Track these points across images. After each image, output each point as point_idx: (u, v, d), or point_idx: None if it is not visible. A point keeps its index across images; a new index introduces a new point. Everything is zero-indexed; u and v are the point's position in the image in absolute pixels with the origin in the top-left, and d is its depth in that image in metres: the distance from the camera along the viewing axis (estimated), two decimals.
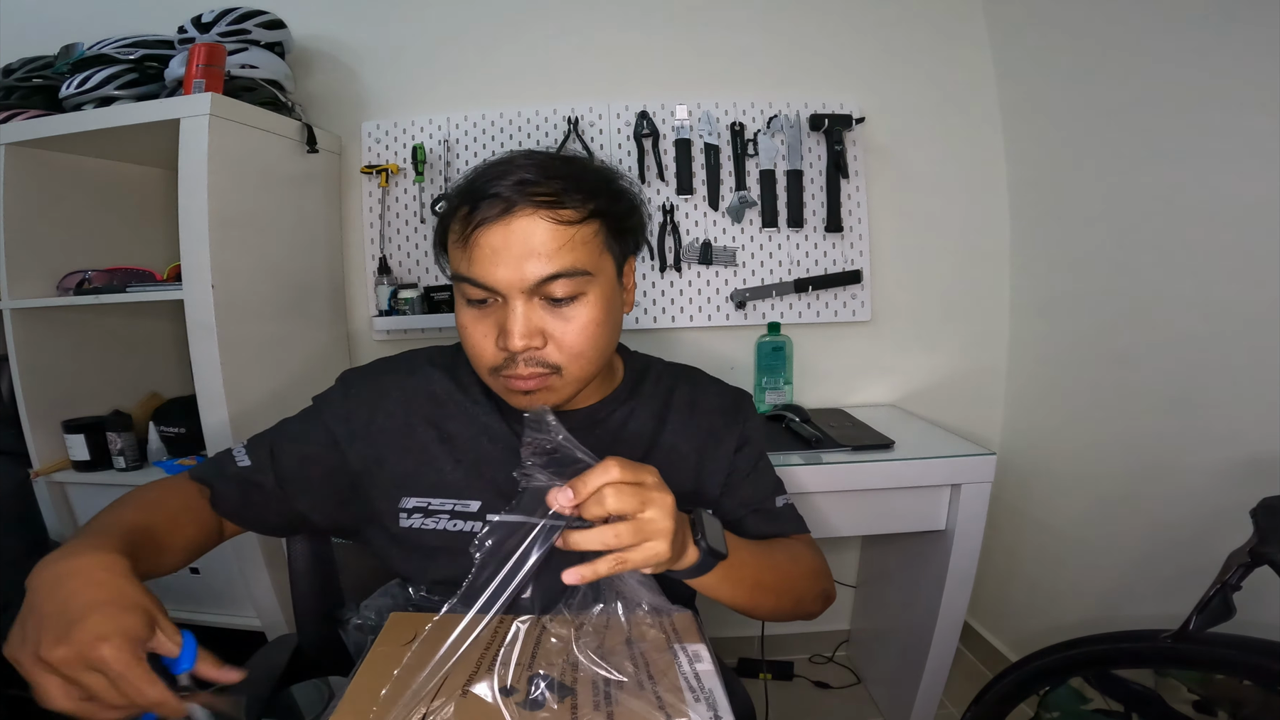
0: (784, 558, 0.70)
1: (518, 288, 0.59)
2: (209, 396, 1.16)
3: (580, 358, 0.63)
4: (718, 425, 0.76)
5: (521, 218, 0.59)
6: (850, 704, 1.54)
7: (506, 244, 0.59)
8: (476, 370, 0.66)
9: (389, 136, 1.56)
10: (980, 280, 1.59)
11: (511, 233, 0.59)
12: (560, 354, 0.62)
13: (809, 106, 1.53)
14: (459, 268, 0.62)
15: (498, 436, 0.71)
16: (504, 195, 0.59)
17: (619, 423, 0.74)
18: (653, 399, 0.76)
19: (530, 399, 0.64)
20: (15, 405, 1.26)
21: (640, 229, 0.69)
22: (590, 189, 0.63)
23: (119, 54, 1.27)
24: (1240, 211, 0.99)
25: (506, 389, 0.65)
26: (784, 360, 1.52)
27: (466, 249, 0.60)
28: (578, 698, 0.50)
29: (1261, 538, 0.73)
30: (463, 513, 0.68)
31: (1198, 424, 1.07)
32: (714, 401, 0.78)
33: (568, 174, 0.62)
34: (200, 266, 1.13)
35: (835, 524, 1.20)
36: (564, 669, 0.53)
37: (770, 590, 0.65)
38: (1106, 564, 1.27)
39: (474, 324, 0.63)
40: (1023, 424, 1.57)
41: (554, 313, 0.61)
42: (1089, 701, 0.96)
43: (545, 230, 0.59)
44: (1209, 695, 0.83)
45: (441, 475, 0.69)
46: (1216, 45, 1.00)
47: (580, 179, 0.62)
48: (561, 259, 0.59)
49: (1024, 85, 1.47)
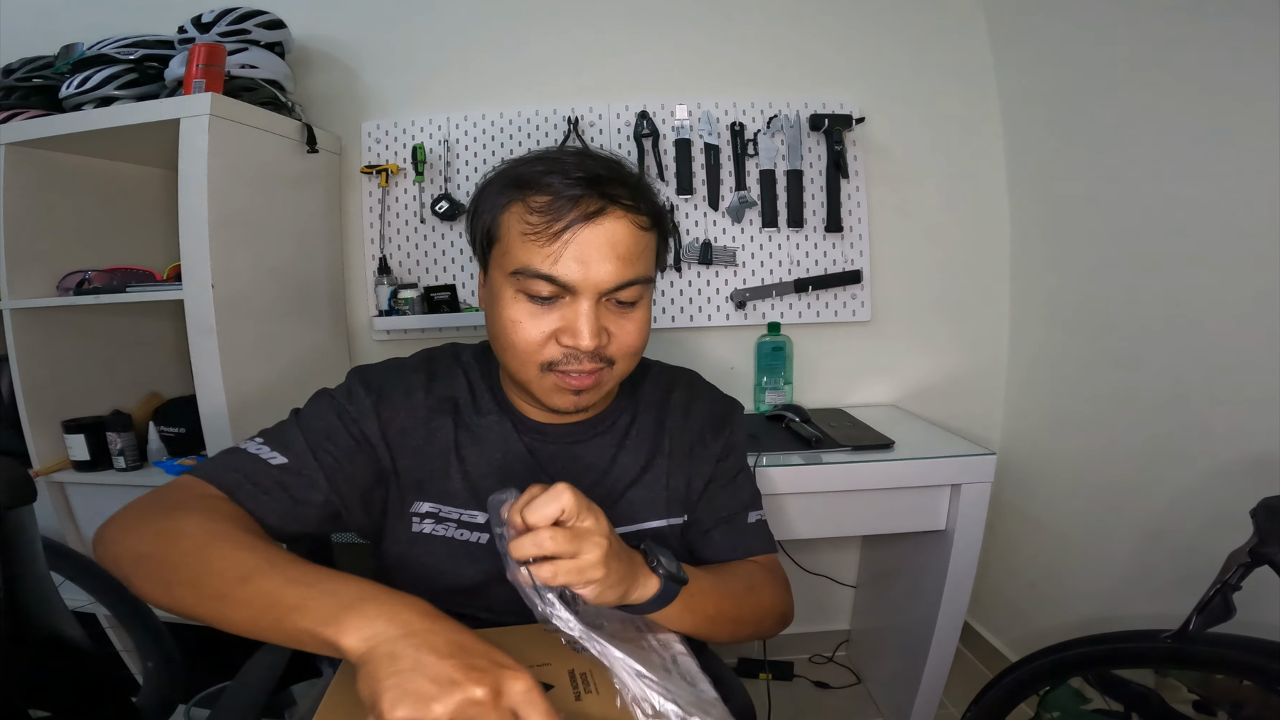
0: (742, 587, 0.69)
1: (596, 289, 0.59)
2: (209, 396, 1.16)
3: (633, 355, 0.65)
4: (707, 431, 0.76)
5: (611, 220, 0.59)
6: (850, 704, 1.54)
7: (596, 244, 0.58)
8: (520, 366, 0.63)
9: (389, 136, 1.56)
10: (980, 280, 1.59)
11: (603, 233, 0.58)
12: (618, 350, 0.63)
13: (809, 106, 1.53)
14: (532, 262, 0.58)
15: (505, 447, 0.70)
16: (592, 195, 0.58)
17: (622, 430, 0.74)
18: (653, 402, 0.77)
19: (578, 399, 0.64)
20: (15, 405, 1.26)
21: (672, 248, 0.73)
22: (649, 199, 0.63)
23: (119, 54, 1.27)
24: (1240, 211, 0.99)
25: (555, 386, 0.63)
26: (784, 360, 1.52)
27: (551, 245, 0.58)
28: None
29: (1261, 538, 0.73)
30: (469, 523, 0.68)
31: (1198, 424, 1.07)
32: (707, 407, 0.78)
33: (627, 178, 0.62)
34: (200, 266, 1.13)
35: (835, 524, 1.20)
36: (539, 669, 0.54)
37: (729, 620, 0.66)
38: (1106, 564, 1.27)
39: (531, 319, 0.60)
40: (1023, 424, 1.57)
41: (616, 314, 0.62)
42: (1089, 701, 0.96)
43: (630, 235, 0.60)
44: (1209, 695, 0.83)
45: (453, 483, 0.68)
46: (1217, 45, 1.00)
47: (639, 186, 0.62)
48: (637, 266, 0.61)
49: (1024, 85, 1.47)
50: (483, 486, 0.69)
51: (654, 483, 0.72)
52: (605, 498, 0.71)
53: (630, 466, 0.72)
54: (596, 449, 0.73)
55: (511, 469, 0.70)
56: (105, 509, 1.43)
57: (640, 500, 0.71)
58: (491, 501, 0.53)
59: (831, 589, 1.68)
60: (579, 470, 0.71)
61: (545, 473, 0.70)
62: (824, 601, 1.72)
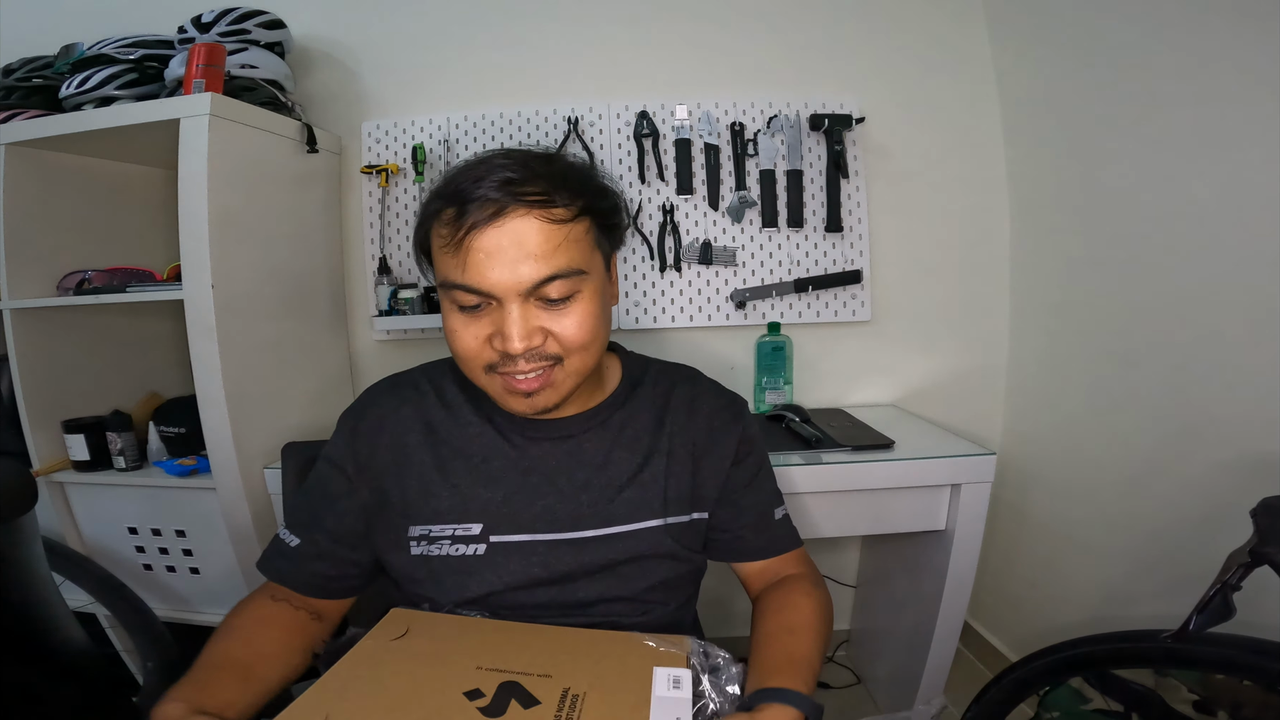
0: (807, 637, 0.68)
1: (514, 291, 0.58)
2: (209, 396, 1.16)
3: (580, 350, 0.63)
4: (716, 429, 0.75)
5: (514, 219, 0.57)
6: (850, 704, 1.53)
7: (500, 247, 0.57)
8: (469, 373, 0.65)
9: (389, 136, 1.56)
10: (980, 280, 1.59)
11: (504, 235, 0.57)
12: (560, 347, 0.62)
13: (809, 106, 1.53)
14: (449, 274, 0.60)
15: (492, 454, 0.70)
16: (493, 197, 0.57)
17: (618, 426, 0.73)
18: (651, 400, 0.76)
19: (532, 401, 0.63)
20: (15, 405, 1.26)
21: (622, 225, 0.69)
22: (576, 187, 0.62)
23: (119, 54, 1.27)
24: (1241, 210, 0.99)
25: (505, 389, 0.63)
26: (784, 360, 1.52)
27: (458, 255, 0.58)
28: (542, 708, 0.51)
29: (1261, 538, 0.73)
30: (464, 536, 0.68)
31: (1198, 424, 1.07)
32: (712, 403, 0.77)
33: (551, 172, 0.60)
34: (200, 266, 1.13)
35: (835, 524, 1.20)
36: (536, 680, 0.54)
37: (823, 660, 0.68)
38: (1106, 564, 1.27)
39: (465, 328, 0.61)
40: (1023, 424, 1.57)
41: (550, 311, 0.61)
42: (1089, 701, 0.96)
43: (539, 231, 0.58)
44: (1209, 695, 0.83)
45: (439, 502, 0.69)
46: (1217, 44, 1.00)
47: (565, 176, 0.61)
48: (557, 260, 0.58)
49: (1024, 85, 1.47)
50: (474, 497, 0.69)
51: (651, 482, 0.71)
52: (601, 494, 0.70)
53: (626, 464, 0.72)
54: (592, 443, 0.72)
55: (502, 474, 0.70)
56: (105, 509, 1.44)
57: (636, 500, 0.71)
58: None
59: (832, 589, 1.67)
60: (573, 466, 0.71)
61: (537, 472, 0.70)
62: None
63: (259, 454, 1.23)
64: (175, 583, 1.36)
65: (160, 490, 1.30)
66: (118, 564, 1.33)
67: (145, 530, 1.34)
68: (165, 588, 1.37)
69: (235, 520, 1.21)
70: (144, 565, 1.36)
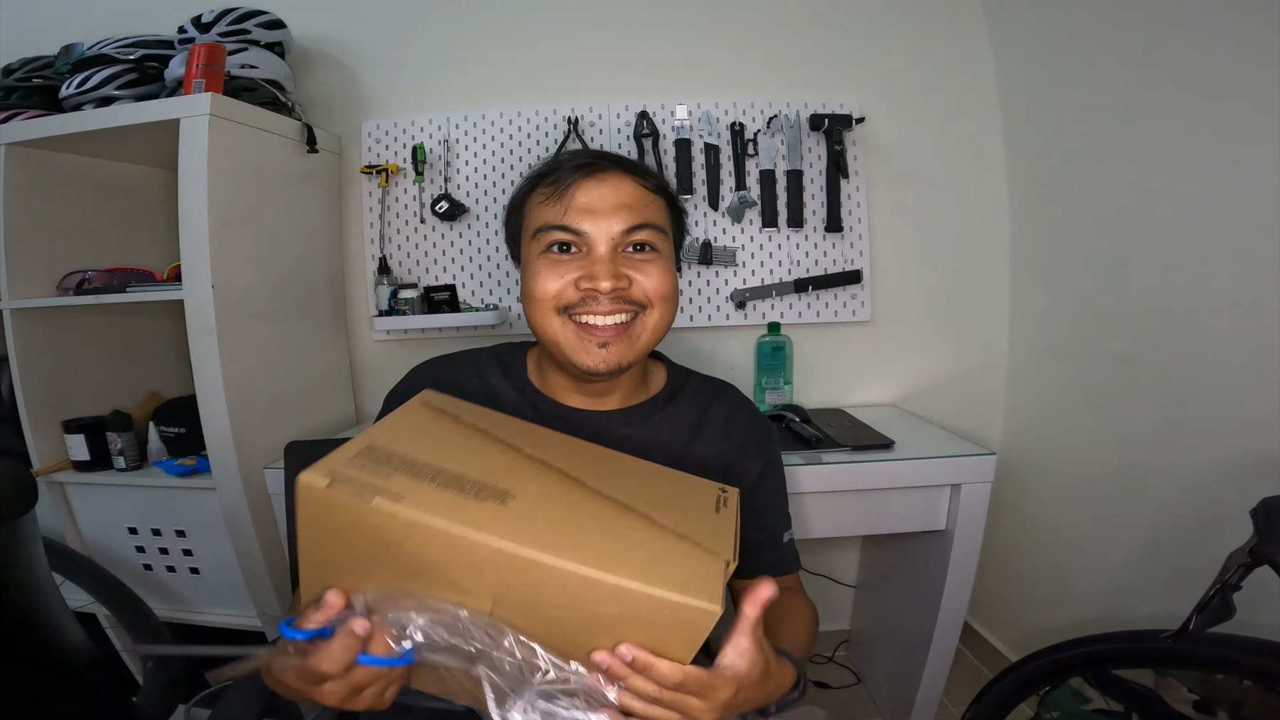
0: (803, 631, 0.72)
1: (608, 234, 0.65)
2: (209, 396, 1.16)
3: (660, 303, 0.67)
4: (748, 447, 0.77)
5: (613, 176, 0.67)
6: (850, 704, 1.53)
7: (601, 196, 0.65)
8: (543, 318, 0.66)
9: (389, 136, 1.56)
10: (980, 280, 1.59)
11: (605, 186, 0.66)
12: (643, 294, 0.66)
13: (809, 106, 1.53)
14: (549, 219, 0.66)
15: None
16: (594, 161, 0.67)
17: (653, 430, 0.74)
18: (690, 409, 0.77)
19: (605, 354, 0.65)
20: (15, 405, 1.26)
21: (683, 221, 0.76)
22: (654, 174, 0.71)
23: (119, 54, 1.27)
24: (1240, 210, 0.99)
25: (578, 338, 0.65)
26: (784, 360, 1.52)
27: (560, 202, 0.65)
28: None
29: (1261, 538, 0.73)
30: None
31: (1198, 424, 1.07)
32: (747, 421, 0.79)
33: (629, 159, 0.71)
34: (200, 266, 1.13)
35: (835, 524, 1.20)
36: None
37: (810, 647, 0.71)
38: (1106, 564, 1.27)
39: (551, 269, 0.66)
40: (1023, 424, 1.57)
41: (635, 260, 0.66)
42: (1089, 701, 0.96)
43: (634, 189, 0.67)
44: (1209, 695, 0.83)
45: None
46: (1217, 44, 1.00)
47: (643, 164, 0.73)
48: (646, 214, 0.67)
49: (1024, 85, 1.47)
50: None
51: None
52: None
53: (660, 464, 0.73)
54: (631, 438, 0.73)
55: None
56: (105, 509, 1.44)
57: None
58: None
59: (831, 589, 1.68)
60: None
61: None
62: (824, 601, 1.71)
63: (259, 454, 1.23)
64: (175, 583, 1.36)
65: (160, 490, 1.30)
66: (118, 564, 1.33)
67: (145, 530, 1.34)
68: (165, 588, 1.37)
69: (235, 520, 1.21)
70: (144, 565, 1.36)
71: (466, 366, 0.77)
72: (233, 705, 0.70)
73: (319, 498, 0.42)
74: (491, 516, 0.43)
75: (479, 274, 1.57)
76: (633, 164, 0.69)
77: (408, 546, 0.43)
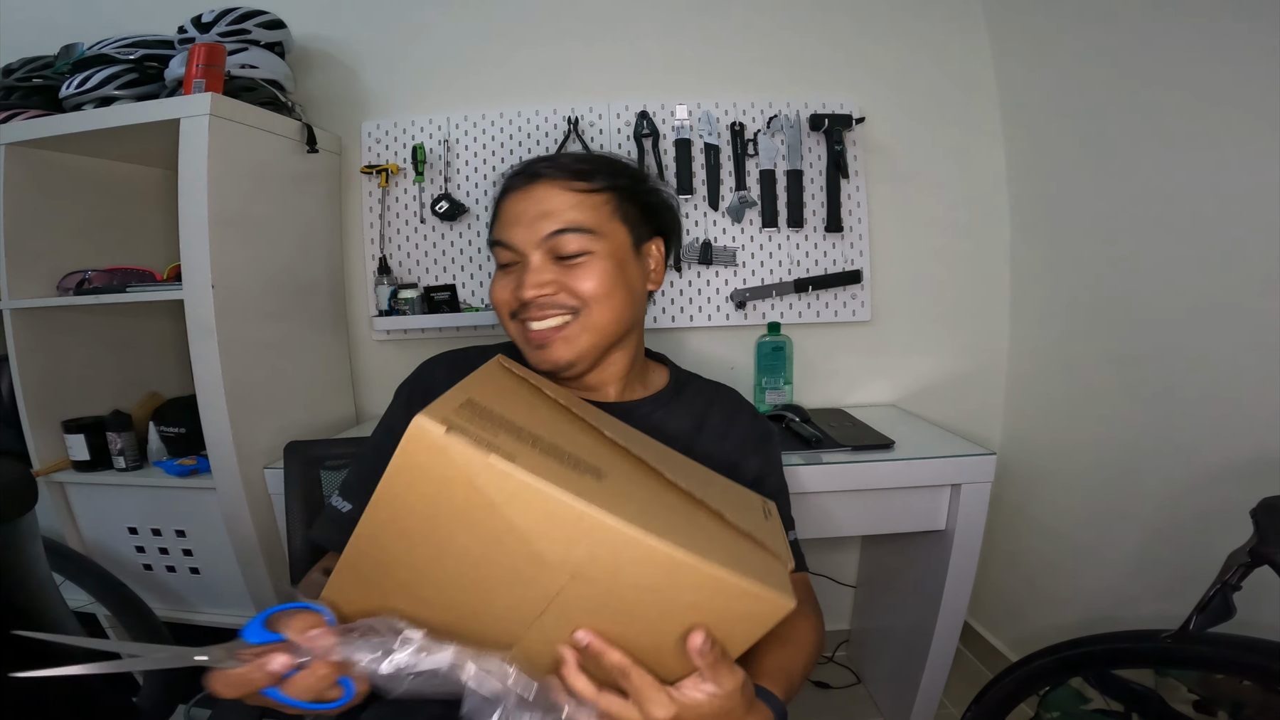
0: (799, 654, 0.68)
1: (531, 243, 0.67)
2: (209, 396, 1.16)
3: (594, 303, 0.68)
4: (746, 449, 0.77)
5: (539, 187, 0.68)
6: (850, 704, 1.53)
7: (524, 208, 0.68)
8: (502, 322, 0.72)
9: (389, 136, 1.56)
10: (980, 280, 1.59)
11: (527, 198, 0.68)
12: (575, 299, 0.67)
13: (809, 106, 1.53)
14: (491, 234, 0.72)
15: None
16: (525, 172, 0.70)
17: (659, 422, 0.75)
18: (691, 408, 0.78)
19: (545, 353, 0.68)
20: (15, 405, 1.26)
21: (673, 225, 0.78)
22: (613, 171, 0.71)
23: (119, 54, 1.27)
24: (1240, 211, 0.99)
25: (525, 339, 0.70)
26: (784, 360, 1.52)
27: (498, 216, 0.71)
28: None
29: (1261, 538, 0.73)
30: None
31: (1198, 424, 1.07)
32: (747, 424, 0.80)
33: (598, 161, 0.71)
34: (200, 266, 1.13)
35: (835, 524, 1.20)
36: None
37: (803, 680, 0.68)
38: (1106, 564, 1.27)
39: (500, 282, 0.71)
40: (1023, 424, 1.57)
41: (564, 266, 0.68)
42: (1089, 701, 0.96)
43: (557, 195, 0.68)
44: (1209, 695, 0.83)
45: None
46: (1217, 45, 1.00)
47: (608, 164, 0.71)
48: (568, 216, 0.67)
49: (1024, 85, 1.47)
50: None
51: None
52: None
53: None
54: None
55: None
56: (105, 509, 1.44)
57: None
58: None
59: (831, 589, 1.68)
60: None
61: None
62: (824, 601, 1.68)
63: (259, 454, 1.23)
64: (175, 583, 1.36)
65: (160, 490, 1.30)
66: (118, 564, 1.33)
67: (145, 530, 1.34)
68: (165, 588, 1.37)
69: (235, 520, 1.21)
70: (144, 565, 1.36)
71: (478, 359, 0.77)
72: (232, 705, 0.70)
73: (433, 444, 0.39)
74: (593, 490, 0.42)
75: (479, 274, 1.57)
76: (566, 166, 0.69)
77: (505, 510, 0.40)
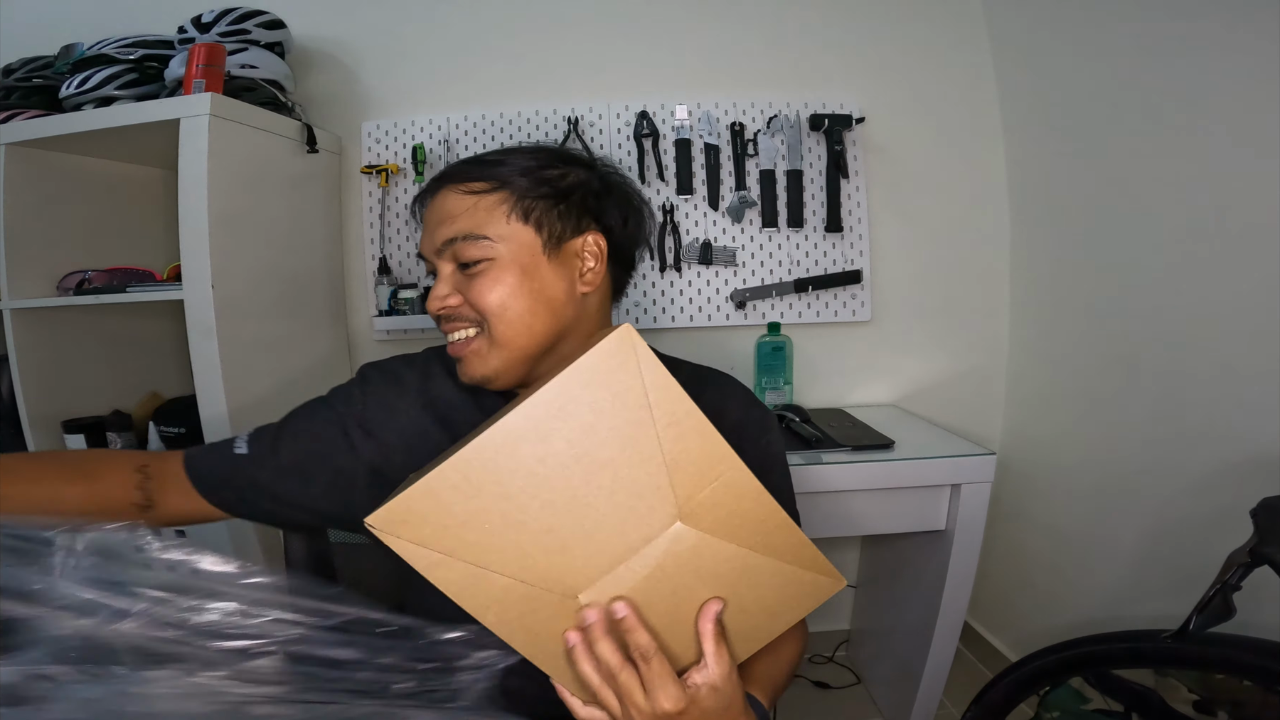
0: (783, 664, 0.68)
1: (432, 252, 0.66)
2: (209, 396, 1.16)
3: (495, 318, 0.62)
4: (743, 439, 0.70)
5: (439, 196, 0.66)
6: (850, 704, 1.53)
7: (428, 216, 0.67)
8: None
9: (389, 136, 1.56)
10: (980, 280, 1.59)
11: (432, 209, 0.67)
12: (474, 310, 0.64)
13: (809, 106, 1.53)
14: None
15: None
16: (436, 176, 0.68)
17: None
18: None
19: (462, 367, 0.66)
20: (15, 405, 1.26)
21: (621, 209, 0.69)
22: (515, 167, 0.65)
23: (119, 54, 1.27)
24: (1240, 211, 0.99)
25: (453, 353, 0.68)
26: (784, 360, 1.52)
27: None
28: None
29: (1261, 538, 0.73)
30: None
31: (1198, 424, 1.07)
32: (739, 413, 0.73)
33: (500, 156, 0.67)
34: (200, 266, 1.13)
35: (835, 524, 1.20)
36: None
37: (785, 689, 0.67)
38: (1106, 564, 1.27)
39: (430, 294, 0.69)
40: (1023, 424, 1.57)
41: (465, 276, 0.64)
42: (1089, 701, 0.96)
43: (455, 199, 0.65)
44: (1209, 695, 0.83)
45: None
46: (1217, 45, 1.00)
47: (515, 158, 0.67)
48: (460, 224, 0.63)
49: (1024, 85, 1.47)
50: None
51: None
52: None
53: None
54: None
55: None
56: None
57: None
58: None
59: None
60: None
61: None
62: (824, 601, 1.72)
63: None
64: None
65: None
66: None
67: None
68: None
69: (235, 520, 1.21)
70: None
71: (409, 366, 0.75)
72: None
73: (634, 347, 0.46)
74: None
75: None
76: (462, 168, 0.66)
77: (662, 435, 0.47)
